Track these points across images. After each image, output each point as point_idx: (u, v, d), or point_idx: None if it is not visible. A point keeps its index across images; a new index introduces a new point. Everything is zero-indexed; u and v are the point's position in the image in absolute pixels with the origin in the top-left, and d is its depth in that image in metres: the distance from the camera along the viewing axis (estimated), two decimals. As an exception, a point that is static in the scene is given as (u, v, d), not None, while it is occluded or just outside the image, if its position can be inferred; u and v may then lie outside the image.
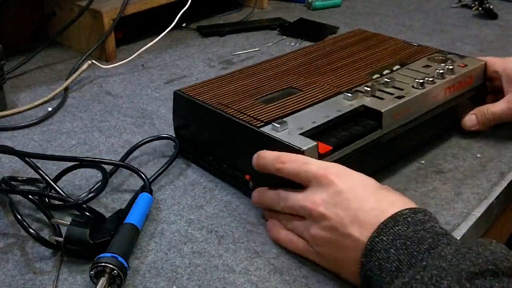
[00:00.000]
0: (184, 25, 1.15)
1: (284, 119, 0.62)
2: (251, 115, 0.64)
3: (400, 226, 0.49)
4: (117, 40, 1.01)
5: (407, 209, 0.50)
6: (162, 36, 0.97)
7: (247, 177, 0.63)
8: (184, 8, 1.01)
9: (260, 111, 0.65)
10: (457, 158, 0.73)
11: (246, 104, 0.66)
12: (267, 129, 0.61)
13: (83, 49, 1.01)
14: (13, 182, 0.65)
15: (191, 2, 1.02)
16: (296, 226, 0.56)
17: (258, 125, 0.62)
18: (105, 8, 0.97)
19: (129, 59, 0.96)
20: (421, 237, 0.47)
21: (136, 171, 0.67)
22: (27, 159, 0.66)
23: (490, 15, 1.22)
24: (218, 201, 0.65)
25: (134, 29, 1.09)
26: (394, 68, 0.76)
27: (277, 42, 1.10)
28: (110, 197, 0.65)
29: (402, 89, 0.69)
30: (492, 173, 0.70)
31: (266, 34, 1.14)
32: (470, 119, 0.76)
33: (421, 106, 0.70)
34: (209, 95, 0.69)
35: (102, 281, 0.51)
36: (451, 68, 0.74)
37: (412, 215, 0.49)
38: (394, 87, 0.70)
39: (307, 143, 0.58)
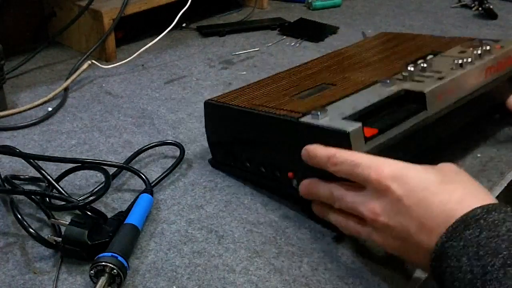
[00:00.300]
0: (184, 25, 1.15)
1: (324, 107, 0.59)
2: (288, 109, 0.61)
3: (472, 230, 0.44)
4: (117, 40, 1.01)
5: (479, 208, 0.45)
6: (162, 36, 0.97)
7: (289, 175, 0.60)
8: (184, 8, 1.01)
9: (297, 105, 0.62)
10: (457, 158, 0.73)
11: (281, 102, 0.64)
12: (307, 119, 0.58)
13: (83, 49, 1.01)
14: (15, 181, 0.65)
15: (191, 2, 1.02)
16: (357, 229, 0.53)
17: (297, 116, 0.59)
18: (105, 8, 0.97)
19: (129, 59, 0.96)
20: (495, 247, 0.43)
21: (137, 173, 0.67)
22: (30, 160, 0.66)
23: (490, 15, 1.22)
24: (218, 201, 0.65)
25: (134, 29, 1.09)
26: (428, 58, 0.74)
27: (277, 42, 1.10)
28: (110, 197, 0.65)
29: (441, 72, 0.67)
30: (492, 173, 0.70)
31: (266, 34, 1.14)
32: None
33: (463, 87, 0.67)
34: (241, 99, 0.67)
35: (102, 280, 0.51)
36: (489, 50, 0.72)
37: (485, 216, 0.44)
38: (432, 71, 0.68)
39: (352, 126, 0.54)
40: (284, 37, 1.13)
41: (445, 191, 0.47)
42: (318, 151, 0.54)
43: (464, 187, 0.48)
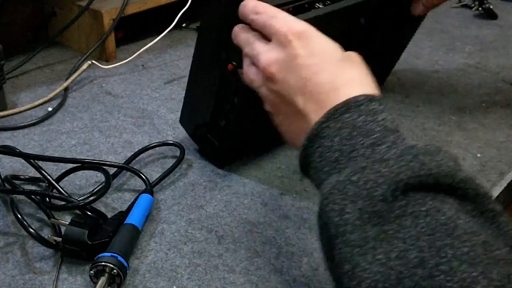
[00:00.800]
0: (184, 25, 1.15)
1: None
2: None
3: (351, 113, 0.44)
4: (117, 40, 1.01)
5: (363, 95, 0.44)
6: (162, 36, 0.97)
7: (229, 67, 0.59)
8: (184, 8, 1.01)
9: None
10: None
11: None
12: None
13: (83, 49, 1.01)
14: (15, 181, 0.65)
15: (191, 2, 1.02)
16: (253, 76, 0.51)
17: None
18: (105, 8, 0.97)
19: (129, 59, 0.96)
20: (369, 129, 0.43)
21: (137, 173, 0.67)
22: (30, 160, 0.66)
23: (490, 15, 1.22)
24: (218, 201, 0.65)
25: (134, 29, 1.09)
26: None
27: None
28: (110, 197, 0.65)
29: None
30: (492, 173, 0.70)
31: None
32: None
33: None
34: None
35: (102, 280, 0.51)
36: None
37: (367, 103, 0.44)
38: None
39: None
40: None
41: (341, 67, 0.46)
42: (250, 1, 0.52)
43: (358, 73, 0.47)
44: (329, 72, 0.46)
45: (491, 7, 1.22)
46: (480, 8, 1.24)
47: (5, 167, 0.70)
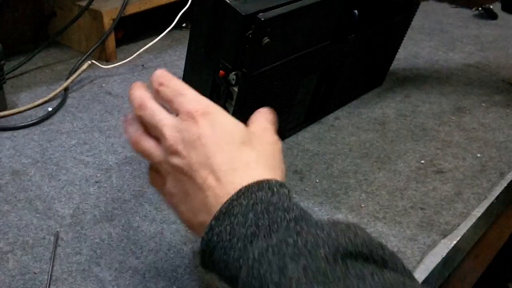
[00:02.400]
0: (184, 25, 1.15)
1: None
2: None
3: (263, 192, 0.43)
4: (117, 40, 1.01)
5: (274, 180, 0.45)
6: (162, 36, 0.97)
7: (221, 73, 0.61)
8: (184, 8, 1.01)
9: None
10: (457, 158, 0.73)
11: None
12: None
13: (83, 49, 1.01)
14: None
15: (191, 2, 1.02)
16: (152, 149, 0.49)
17: None
18: (105, 8, 0.97)
19: (129, 59, 0.96)
20: (288, 207, 0.43)
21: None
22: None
23: (490, 15, 1.22)
24: (218, 201, 0.65)
25: (134, 29, 1.09)
26: None
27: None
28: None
29: None
30: (492, 173, 0.70)
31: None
32: None
33: None
34: None
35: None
36: None
37: (279, 187, 0.44)
38: None
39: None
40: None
41: (238, 150, 0.47)
42: (157, 72, 0.51)
43: (258, 155, 0.47)
44: (228, 153, 0.46)
45: (491, 7, 1.22)
46: (480, 8, 1.24)
47: (5, 167, 0.70)
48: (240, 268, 0.40)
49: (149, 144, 0.49)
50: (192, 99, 0.48)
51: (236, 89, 0.63)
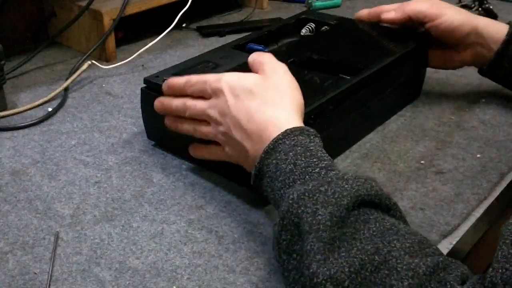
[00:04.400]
0: (184, 25, 1.15)
1: None
2: None
3: (304, 137, 0.55)
4: (117, 40, 1.01)
5: (311, 129, 0.57)
6: (162, 36, 0.97)
7: None
8: (184, 8, 1.01)
9: None
10: (457, 158, 0.73)
11: None
12: None
13: (83, 49, 1.01)
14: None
15: (191, 2, 1.02)
16: (205, 130, 0.63)
17: None
18: (105, 8, 0.97)
19: (129, 59, 0.96)
20: (321, 156, 0.54)
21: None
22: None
23: (490, 15, 1.22)
24: (218, 201, 0.65)
25: (134, 29, 1.09)
26: None
27: (277, 42, 1.10)
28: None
29: None
30: (492, 173, 0.70)
31: (266, 34, 1.14)
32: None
33: None
34: None
35: None
36: None
37: (314, 136, 0.56)
38: None
39: None
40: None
41: (269, 105, 0.59)
42: (175, 80, 0.65)
43: (289, 108, 0.59)
44: (263, 112, 0.58)
45: (491, 7, 1.22)
46: (480, 8, 1.23)
47: (5, 167, 0.70)
48: (282, 200, 0.52)
49: (204, 128, 0.63)
50: (214, 78, 0.61)
51: None
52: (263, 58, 0.63)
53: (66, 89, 0.89)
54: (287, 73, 0.62)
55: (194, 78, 0.63)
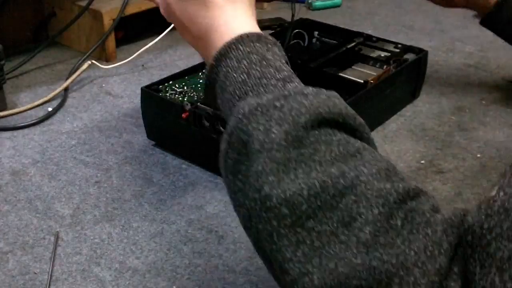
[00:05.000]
0: (184, 25, 1.15)
1: None
2: None
3: (262, 44, 0.48)
4: (117, 40, 1.01)
5: (270, 37, 0.49)
6: (162, 36, 0.97)
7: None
8: (184, 8, 1.01)
9: None
10: (457, 158, 0.73)
11: None
12: None
13: (83, 49, 1.01)
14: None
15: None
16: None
17: None
18: (105, 8, 0.97)
19: (129, 59, 0.96)
20: (279, 67, 0.47)
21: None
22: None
23: (490, 15, 1.22)
24: (218, 201, 0.65)
25: (134, 29, 1.09)
26: None
27: (277, 42, 1.10)
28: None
29: None
30: (492, 173, 0.70)
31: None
32: None
33: None
34: None
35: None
36: None
37: (273, 44, 0.49)
38: None
39: None
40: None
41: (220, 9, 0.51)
42: None
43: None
44: (211, 14, 0.51)
45: (491, 7, 1.22)
46: (480, 8, 1.23)
47: (5, 167, 0.70)
48: (231, 114, 0.45)
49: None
50: None
51: None
52: None
53: (66, 89, 0.89)
54: None
55: None
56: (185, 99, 0.72)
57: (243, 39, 0.48)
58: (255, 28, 0.50)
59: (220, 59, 0.48)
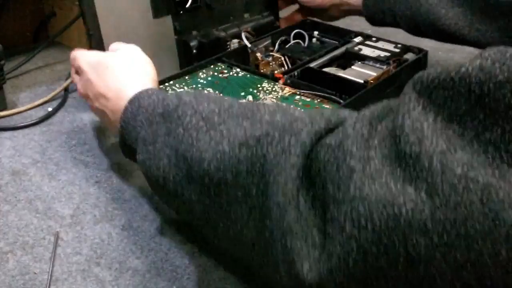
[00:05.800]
0: (184, 25, 1.15)
1: None
2: None
3: (155, 96, 0.58)
4: (117, 40, 1.01)
5: (149, 89, 0.61)
6: (162, 36, 0.97)
7: None
8: (184, 8, 1.01)
9: None
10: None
11: None
12: None
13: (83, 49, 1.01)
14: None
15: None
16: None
17: None
18: (105, 8, 0.97)
19: (129, 59, 0.96)
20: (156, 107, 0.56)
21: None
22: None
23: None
24: (218, 201, 0.65)
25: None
26: None
27: (277, 42, 1.10)
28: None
29: None
30: (492, 173, 0.70)
31: (266, 34, 1.14)
32: None
33: None
34: None
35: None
36: None
37: (157, 92, 0.59)
38: None
39: None
40: (284, 37, 1.12)
41: (124, 75, 0.64)
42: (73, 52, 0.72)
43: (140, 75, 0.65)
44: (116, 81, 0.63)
45: (491, 7, 1.22)
46: (480, 8, 1.23)
47: (5, 167, 0.70)
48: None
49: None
50: (82, 56, 0.69)
51: None
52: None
53: (66, 89, 0.88)
54: (133, 50, 0.68)
55: (75, 54, 0.71)
56: (185, 99, 0.72)
57: (132, 101, 0.59)
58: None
59: (126, 124, 0.59)
